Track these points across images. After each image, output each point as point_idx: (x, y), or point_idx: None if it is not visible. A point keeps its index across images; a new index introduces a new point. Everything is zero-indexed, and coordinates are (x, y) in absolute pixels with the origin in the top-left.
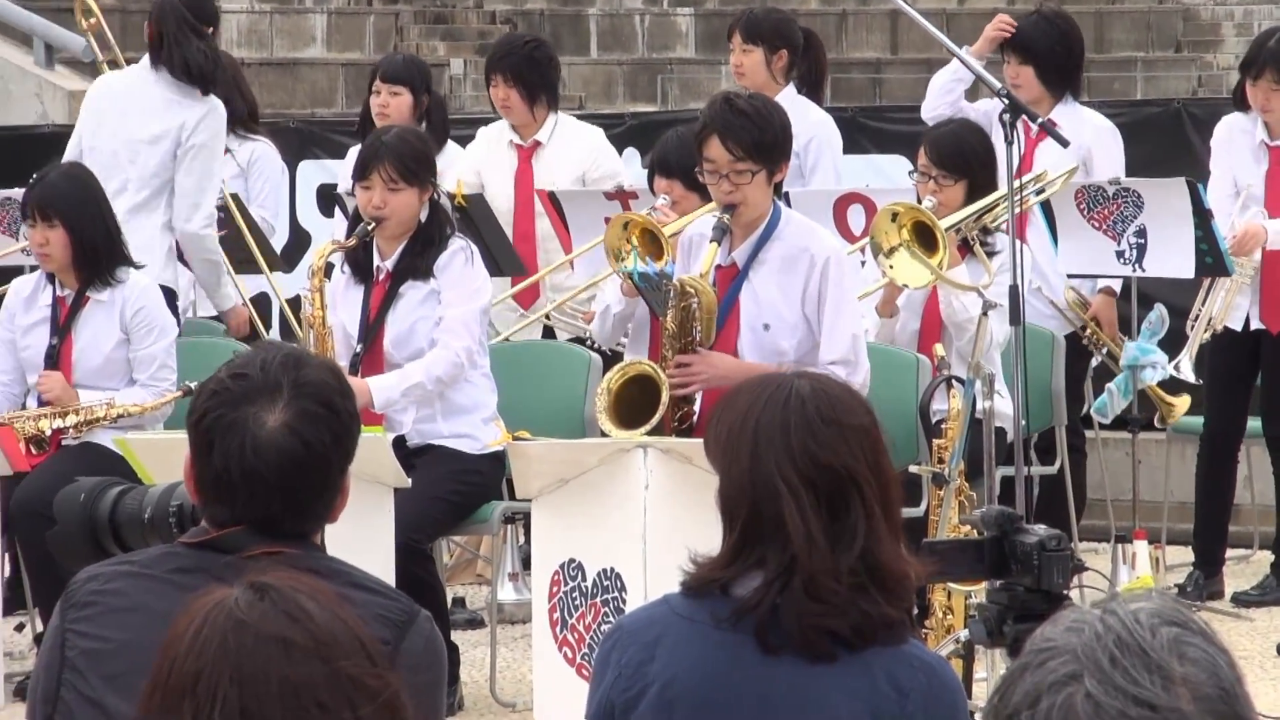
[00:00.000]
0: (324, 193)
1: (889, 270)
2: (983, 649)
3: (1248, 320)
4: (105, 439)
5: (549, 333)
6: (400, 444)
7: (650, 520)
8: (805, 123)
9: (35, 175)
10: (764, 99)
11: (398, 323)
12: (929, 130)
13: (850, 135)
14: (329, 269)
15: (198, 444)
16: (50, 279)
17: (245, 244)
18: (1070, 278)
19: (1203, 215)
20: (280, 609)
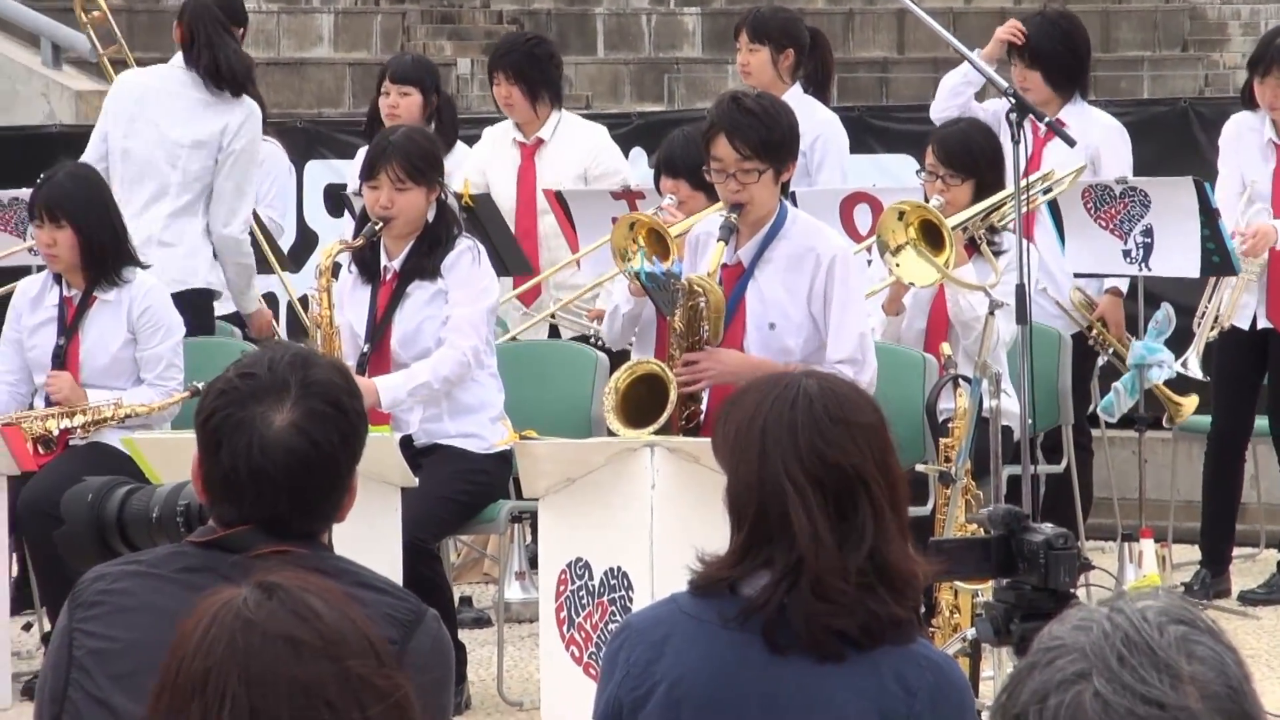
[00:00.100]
0: (331, 192)
1: (895, 269)
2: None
3: (1255, 319)
4: (113, 438)
5: (554, 332)
6: (407, 443)
7: (657, 519)
8: (811, 122)
9: (42, 175)
10: (771, 98)
11: (405, 322)
12: (936, 129)
13: (857, 135)
14: (336, 269)
15: (205, 443)
16: (57, 279)
17: (256, 244)
18: (1077, 277)
19: (1209, 214)
20: (288, 608)
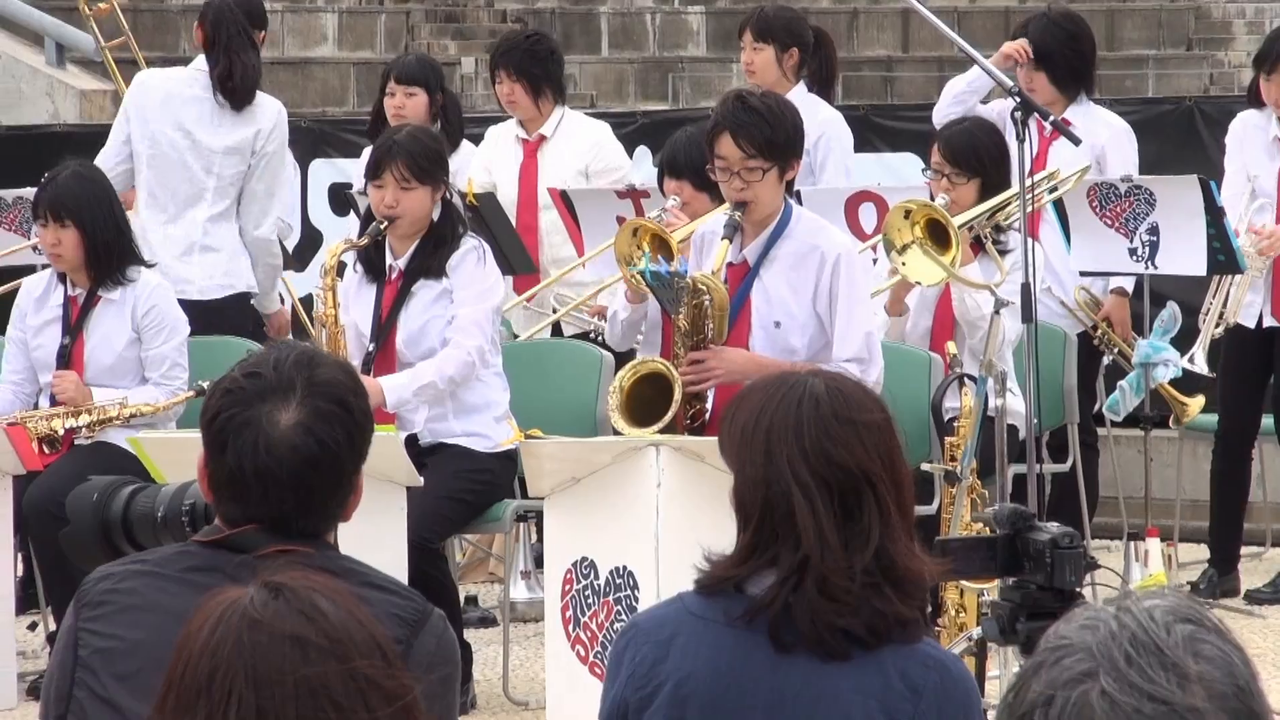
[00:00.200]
0: (335, 192)
1: (901, 267)
2: (995, 647)
3: (1260, 317)
4: (118, 438)
5: (556, 329)
6: (412, 443)
7: (663, 518)
8: (815, 120)
9: (47, 175)
10: (776, 97)
11: (410, 322)
12: (942, 128)
13: (862, 133)
14: (341, 268)
15: (211, 443)
16: (62, 278)
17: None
18: (1083, 275)
19: (1215, 213)
20: (295, 608)
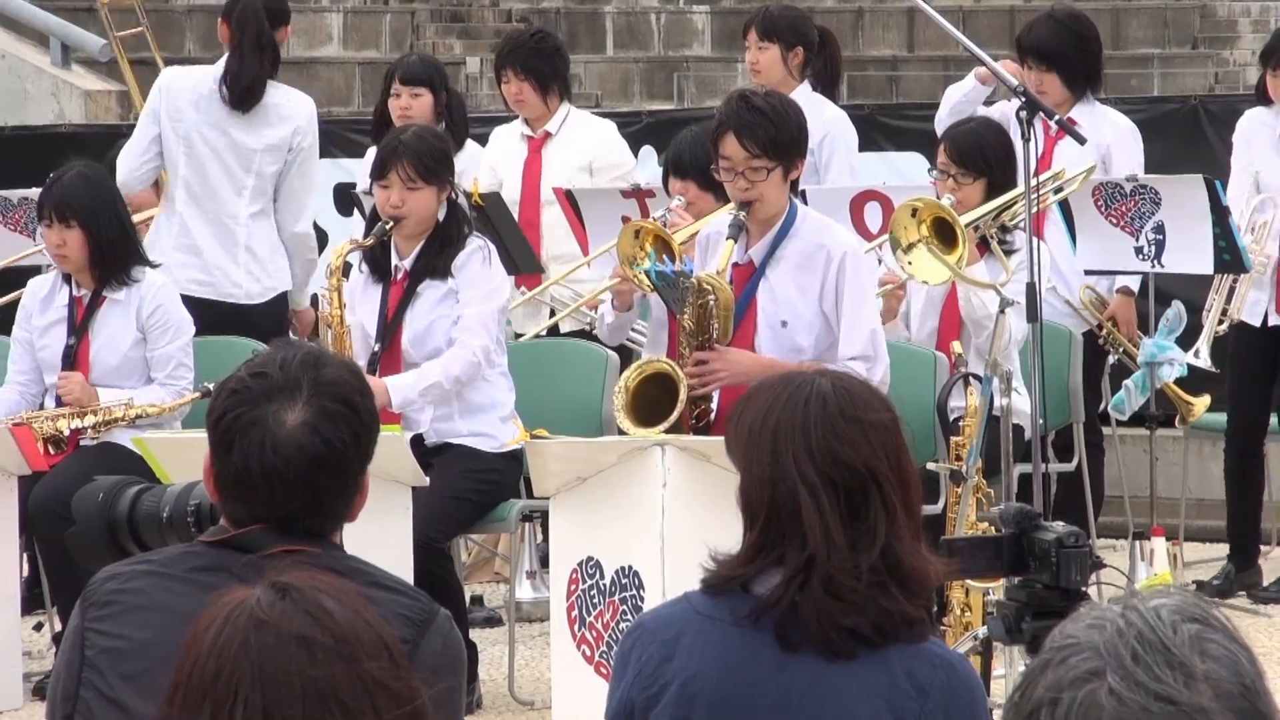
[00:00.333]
0: (341, 192)
1: (907, 267)
2: (1001, 646)
3: (1266, 316)
4: (123, 438)
5: (554, 329)
6: (418, 443)
7: (668, 518)
8: (820, 120)
9: (52, 175)
10: (780, 96)
11: (416, 322)
12: (948, 128)
13: (867, 133)
14: (347, 268)
15: (217, 443)
16: (67, 279)
17: None
18: (1088, 274)
19: (1220, 212)
20: (301, 608)
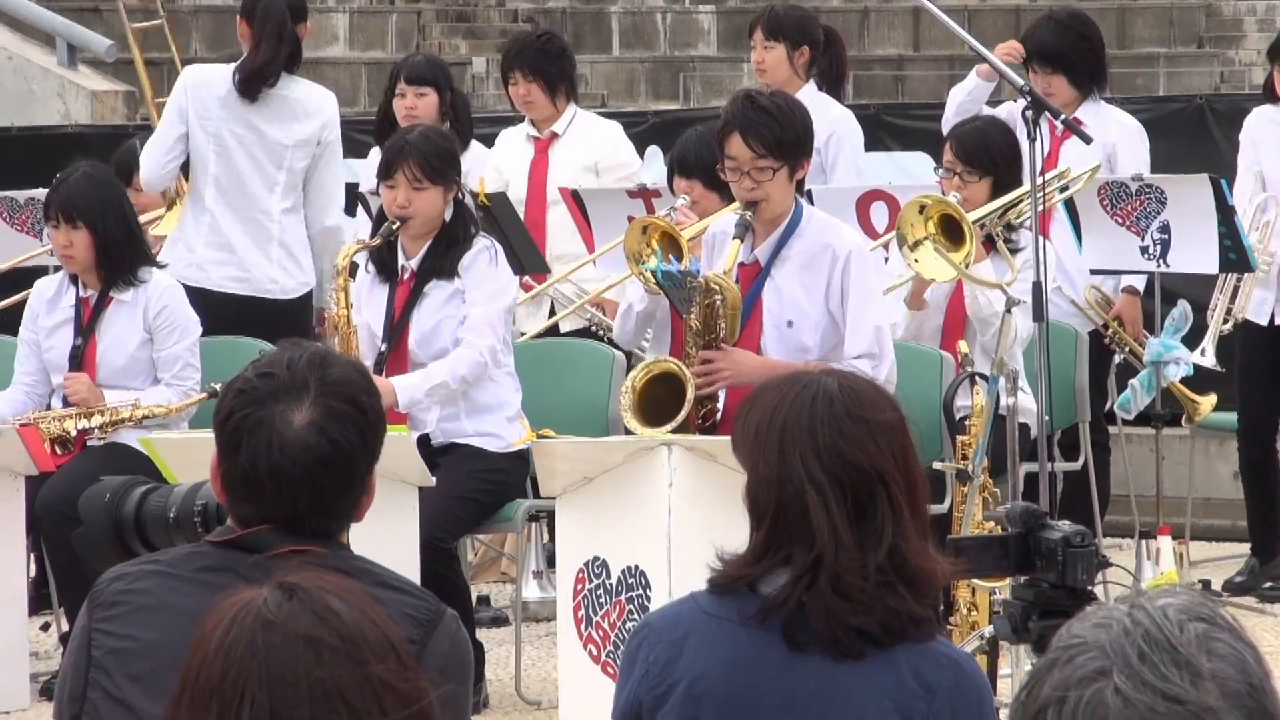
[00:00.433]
0: (346, 192)
1: (914, 264)
2: (1008, 645)
3: (1273, 315)
4: (130, 439)
5: (555, 328)
6: (424, 443)
7: (675, 518)
8: (825, 119)
9: (58, 176)
10: (786, 96)
11: (422, 322)
12: (955, 126)
13: (873, 132)
14: (353, 268)
15: (225, 443)
16: (73, 280)
17: None
18: (1094, 274)
19: (1226, 211)
20: (309, 609)
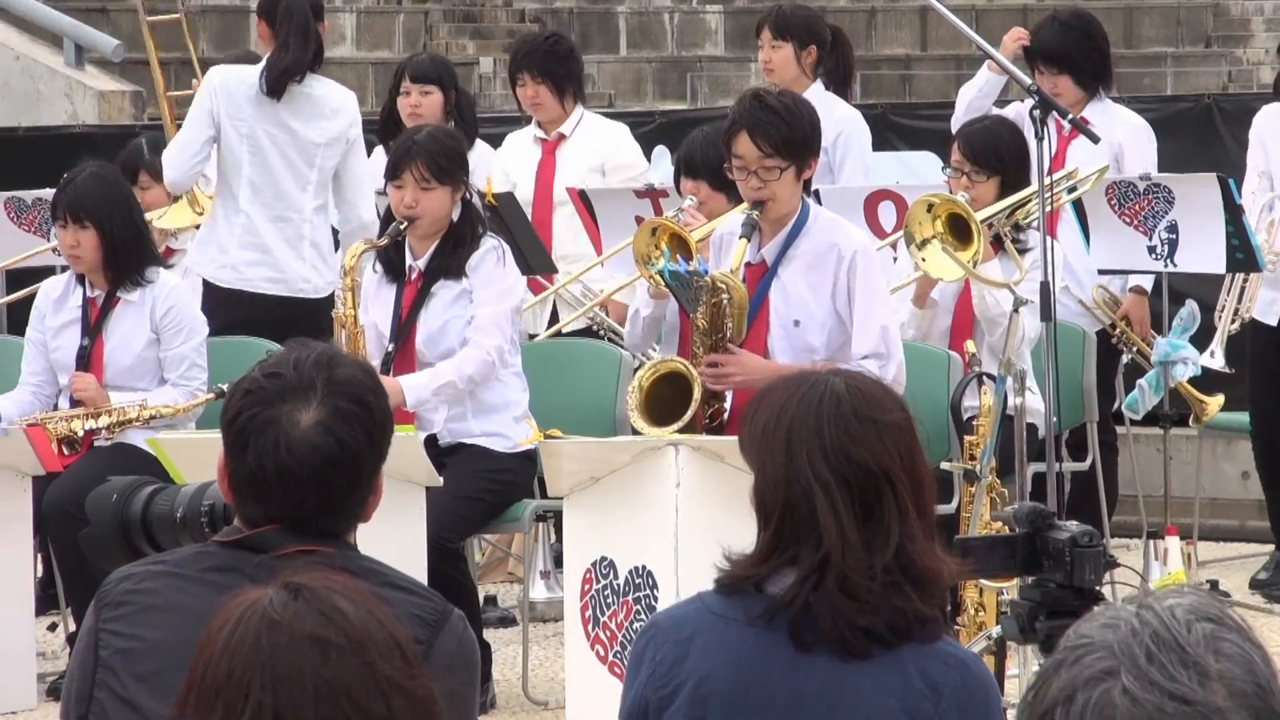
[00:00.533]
0: None
1: (921, 263)
2: (1015, 645)
3: None
4: (137, 439)
5: (556, 321)
6: (432, 443)
7: (682, 518)
8: (833, 119)
9: (65, 176)
10: (794, 96)
11: (430, 322)
12: (963, 126)
13: (880, 132)
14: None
15: (232, 443)
16: (80, 280)
17: None
18: (1102, 273)
19: (1234, 211)
20: (314, 609)
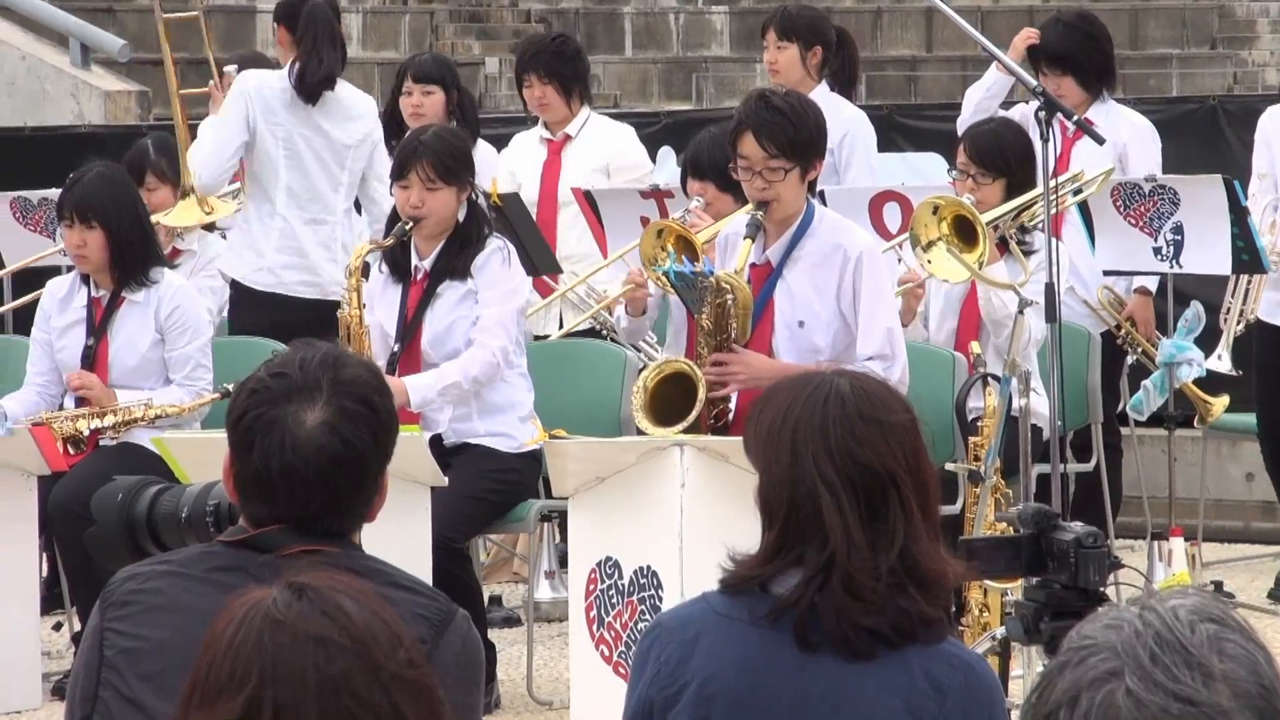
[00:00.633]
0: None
1: (927, 265)
2: (1019, 646)
3: None
4: (143, 438)
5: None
6: (437, 443)
7: (686, 518)
8: (838, 120)
9: (71, 176)
10: (799, 96)
11: (435, 322)
12: (969, 128)
13: (885, 133)
14: (366, 268)
15: (237, 442)
16: (85, 280)
17: None
18: (1107, 275)
19: (1239, 212)
20: (318, 608)
